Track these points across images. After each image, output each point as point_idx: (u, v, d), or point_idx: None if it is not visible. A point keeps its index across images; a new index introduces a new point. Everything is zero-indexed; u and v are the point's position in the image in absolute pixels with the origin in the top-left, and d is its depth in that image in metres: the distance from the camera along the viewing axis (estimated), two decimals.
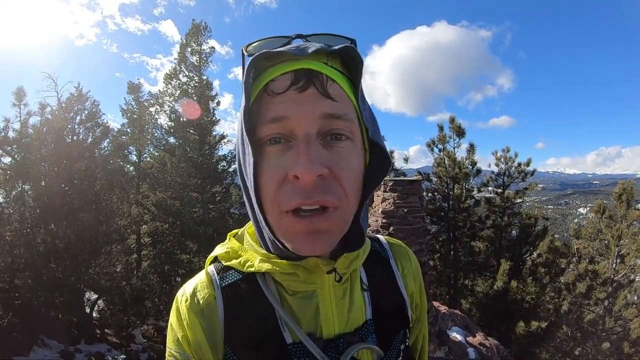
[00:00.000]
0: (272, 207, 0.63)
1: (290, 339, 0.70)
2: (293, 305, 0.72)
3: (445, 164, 14.10)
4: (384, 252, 0.89)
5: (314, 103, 0.61)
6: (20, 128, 11.66)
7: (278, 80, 0.62)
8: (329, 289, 0.73)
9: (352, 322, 0.74)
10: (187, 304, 0.74)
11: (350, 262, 0.73)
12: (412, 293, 0.89)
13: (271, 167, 0.61)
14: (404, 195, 6.21)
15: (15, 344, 10.25)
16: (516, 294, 11.50)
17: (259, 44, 0.67)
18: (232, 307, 0.72)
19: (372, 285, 0.81)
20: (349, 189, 0.63)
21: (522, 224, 13.64)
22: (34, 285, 10.66)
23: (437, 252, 14.22)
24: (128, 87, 18.47)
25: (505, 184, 14.03)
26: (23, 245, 10.75)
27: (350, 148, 0.64)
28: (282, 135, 0.61)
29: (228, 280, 0.75)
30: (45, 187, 11.60)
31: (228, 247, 0.78)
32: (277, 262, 0.69)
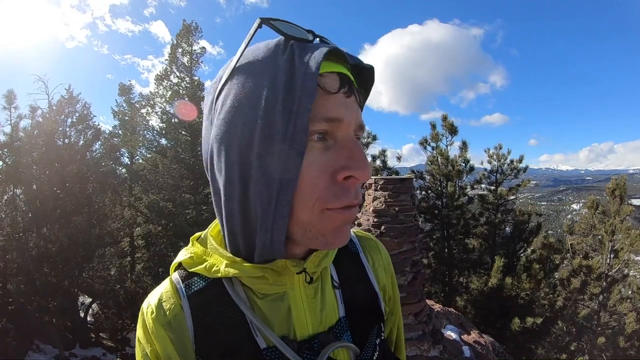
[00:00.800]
0: (313, 206, 0.60)
1: (264, 344, 0.67)
2: (264, 309, 0.69)
3: (438, 162, 14.12)
4: (353, 247, 0.87)
5: (356, 111, 0.63)
6: (11, 131, 11.63)
7: (327, 78, 0.61)
8: (300, 289, 0.71)
9: (325, 321, 0.73)
10: (153, 316, 0.70)
11: (319, 261, 0.72)
12: (384, 286, 0.89)
13: (318, 164, 0.60)
14: (395, 194, 6.19)
15: (10, 349, 10.21)
16: (511, 291, 11.53)
17: (289, 26, 0.63)
18: (201, 316, 0.69)
19: (344, 282, 0.80)
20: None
21: (515, 221, 13.69)
22: (27, 290, 10.62)
23: (432, 250, 14.23)
24: (119, 89, 18.43)
25: (498, 181, 14.07)
26: (15, 249, 10.71)
27: None
28: (326, 134, 0.60)
29: (194, 288, 0.71)
30: (37, 190, 11.54)
31: (192, 252, 0.73)
32: (245, 265, 0.66)
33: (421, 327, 5.76)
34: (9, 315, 10.56)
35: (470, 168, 14.02)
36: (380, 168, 14.85)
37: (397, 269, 5.81)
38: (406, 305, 5.69)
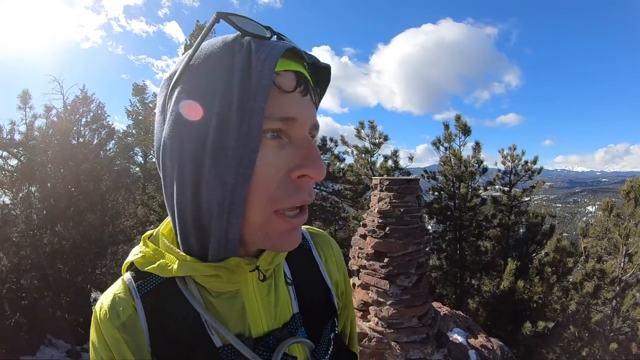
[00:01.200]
0: (265, 206, 0.61)
1: (219, 343, 0.67)
2: (218, 307, 0.69)
3: (451, 162, 13.94)
4: (305, 244, 0.89)
5: (311, 110, 0.64)
6: (26, 131, 11.81)
7: (283, 76, 0.61)
8: (253, 287, 0.72)
9: (280, 317, 0.74)
10: (107, 318, 0.68)
11: (272, 259, 0.73)
12: (337, 281, 0.91)
13: (271, 163, 0.60)
14: (401, 195, 6.15)
15: (23, 343, 10.41)
16: (523, 294, 11.37)
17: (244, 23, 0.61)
18: (155, 317, 0.68)
19: (297, 278, 0.81)
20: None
21: (529, 223, 13.48)
22: (40, 286, 10.83)
23: (443, 251, 14.14)
24: (133, 89, 18.65)
25: (512, 183, 13.85)
26: (29, 246, 10.91)
27: None
28: (281, 132, 0.61)
29: (147, 288, 0.70)
30: (51, 188, 11.73)
31: (143, 251, 0.72)
32: (198, 264, 0.65)
33: (425, 330, 5.70)
34: (22, 310, 10.75)
35: (484, 169, 13.83)
36: (392, 168, 14.74)
37: (402, 270, 5.77)
38: (410, 308, 5.65)
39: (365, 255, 6.03)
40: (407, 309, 5.64)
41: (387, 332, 5.61)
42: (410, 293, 5.75)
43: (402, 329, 5.63)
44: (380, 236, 5.93)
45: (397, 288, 5.70)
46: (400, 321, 5.63)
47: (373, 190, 6.47)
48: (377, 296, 5.80)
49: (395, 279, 5.73)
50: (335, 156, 16.24)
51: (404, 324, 5.63)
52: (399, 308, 5.61)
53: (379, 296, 5.78)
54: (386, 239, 5.89)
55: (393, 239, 5.88)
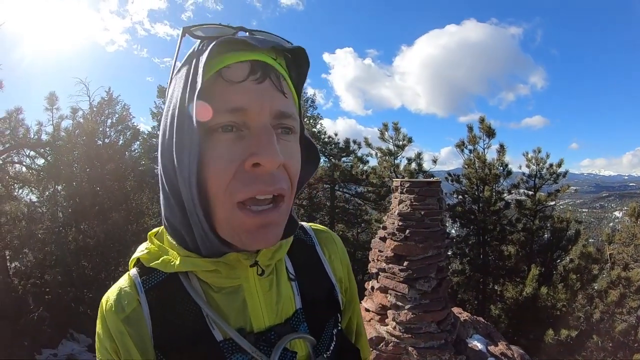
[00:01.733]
0: (224, 199, 0.62)
1: (220, 337, 0.69)
2: (219, 302, 0.71)
3: (475, 165, 13.76)
4: (309, 240, 0.90)
5: (270, 97, 0.62)
6: (53, 131, 12.18)
7: (233, 68, 0.61)
8: (255, 282, 0.73)
9: (281, 313, 0.75)
10: (112, 311, 0.71)
11: (272, 254, 0.74)
12: (341, 277, 0.91)
13: (223, 156, 0.60)
14: (422, 197, 6.08)
15: (45, 337, 10.71)
16: (546, 301, 11.11)
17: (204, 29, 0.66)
18: (159, 311, 0.70)
19: (299, 274, 0.82)
20: (294, 180, 0.67)
21: (553, 228, 13.19)
22: (63, 281, 11.10)
23: (466, 256, 13.96)
24: (158, 91, 18.93)
25: (537, 186, 13.56)
26: (54, 243, 11.20)
27: (294, 142, 0.67)
28: (235, 124, 0.60)
29: (151, 283, 0.72)
30: (77, 187, 12.03)
31: (148, 247, 0.76)
32: (198, 260, 0.68)
33: (444, 336, 5.62)
34: (45, 304, 11.07)
35: (508, 172, 13.63)
36: (416, 171, 14.68)
37: (422, 274, 5.70)
38: (429, 313, 5.58)
39: (385, 258, 5.98)
40: (425, 314, 5.57)
41: (405, 336, 5.55)
42: (429, 298, 5.68)
43: (420, 334, 5.56)
44: (400, 239, 5.88)
45: (416, 292, 5.64)
46: (419, 326, 5.56)
47: (394, 192, 6.42)
48: (395, 300, 5.75)
49: (414, 283, 5.67)
50: (358, 158, 16.22)
51: (422, 329, 5.56)
52: (418, 313, 5.54)
53: (397, 300, 5.73)
54: (406, 242, 5.84)
55: (413, 242, 5.82)
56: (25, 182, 11.90)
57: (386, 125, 14.99)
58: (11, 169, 12.18)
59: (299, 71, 0.71)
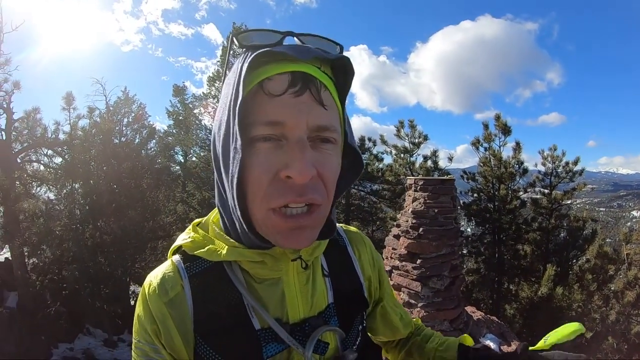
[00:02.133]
0: (261, 203, 0.64)
1: (258, 325, 0.72)
2: (260, 292, 0.74)
3: (491, 163, 13.62)
4: (341, 240, 0.93)
5: (308, 111, 0.63)
6: (70, 130, 12.38)
7: (275, 80, 0.63)
8: (294, 275, 0.77)
9: (315, 306, 0.78)
10: (156, 294, 0.73)
11: (313, 250, 0.78)
12: (370, 277, 0.95)
13: (262, 164, 0.62)
14: (435, 195, 6.05)
15: (62, 331, 10.89)
16: (561, 301, 10.94)
17: (251, 35, 0.68)
18: (201, 296, 0.73)
19: (332, 271, 0.85)
20: (329, 188, 0.67)
21: (569, 227, 12.99)
22: (81, 277, 11.28)
23: (481, 254, 13.83)
24: (173, 90, 19.08)
25: (553, 185, 13.36)
26: (72, 239, 11.38)
27: (333, 151, 0.68)
28: (274, 135, 0.63)
29: (195, 270, 0.75)
30: (94, 185, 12.22)
31: (192, 236, 0.78)
32: (246, 251, 0.71)
33: (456, 335, 5.59)
34: (62, 299, 11.30)
35: (524, 170, 13.45)
36: (432, 169, 14.56)
37: (435, 272, 5.68)
38: (442, 311, 5.56)
39: (399, 255, 5.97)
40: (438, 312, 5.55)
41: None
42: (442, 296, 5.66)
43: None
44: (413, 237, 5.86)
45: (429, 290, 5.62)
46: (431, 324, 5.53)
47: (408, 190, 6.40)
48: (408, 298, 5.74)
49: (427, 281, 5.65)
50: (374, 156, 16.14)
51: (435, 327, 5.53)
52: (430, 311, 5.53)
53: (410, 298, 5.71)
54: (420, 240, 5.82)
55: (427, 240, 5.80)
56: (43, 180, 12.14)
57: (402, 123, 14.92)
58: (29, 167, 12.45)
59: (344, 80, 0.71)
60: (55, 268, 11.64)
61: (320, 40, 0.71)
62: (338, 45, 0.72)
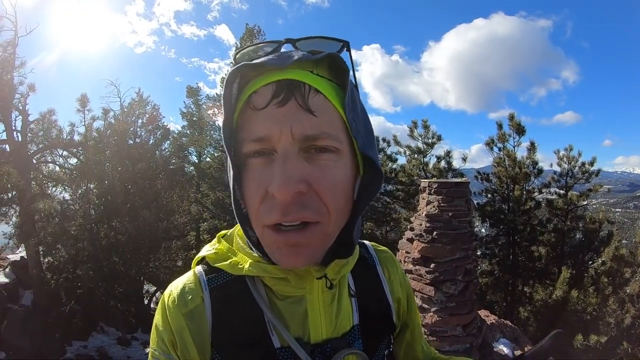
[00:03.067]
0: (256, 220, 0.63)
1: (278, 344, 0.69)
2: (282, 310, 0.72)
3: (505, 163, 13.45)
4: (370, 259, 0.90)
5: (293, 121, 0.59)
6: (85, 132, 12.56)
7: (260, 93, 0.61)
8: (318, 294, 0.73)
9: (339, 327, 0.75)
10: (175, 304, 0.72)
11: (340, 268, 0.74)
12: (399, 299, 0.91)
13: (254, 181, 0.61)
14: (449, 198, 5.99)
15: (76, 329, 11.07)
16: (576, 305, 10.78)
17: (247, 50, 0.67)
18: (221, 310, 0.72)
19: (360, 291, 0.82)
20: (331, 203, 0.62)
21: (585, 229, 12.78)
22: (95, 276, 11.44)
23: (495, 256, 13.70)
24: (187, 91, 19.19)
25: (569, 185, 13.14)
26: (87, 239, 11.53)
27: (335, 161, 0.63)
28: (265, 150, 0.61)
29: (217, 282, 0.74)
30: (109, 186, 12.37)
31: (216, 248, 0.77)
32: (269, 266, 0.69)
33: (469, 340, 5.55)
34: (77, 298, 11.46)
35: (539, 171, 13.26)
36: (445, 169, 14.44)
37: (449, 277, 5.64)
38: (455, 316, 5.51)
39: (412, 259, 5.93)
40: (451, 317, 5.51)
41: (430, 339, 5.50)
42: (455, 301, 5.61)
43: (445, 337, 5.50)
44: (427, 241, 5.82)
45: (442, 295, 5.58)
46: (444, 329, 5.50)
47: (421, 193, 6.35)
48: (421, 302, 5.70)
49: (441, 286, 5.61)
50: (387, 156, 16.07)
51: (448, 333, 5.50)
52: (444, 316, 5.49)
53: (423, 302, 5.68)
54: (433, 244, 5.77)
55: (440, 244, 5.75)
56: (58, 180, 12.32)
57: (415, 123, 14.83)
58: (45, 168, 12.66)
59: (340, 80, 0.66)
60: (70, 267, 11.80)
61: (321, 40, 0.68)
62: (341, 42, 0.68)
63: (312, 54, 0.63)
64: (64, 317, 10.97)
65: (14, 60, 11.59)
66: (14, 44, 11.71)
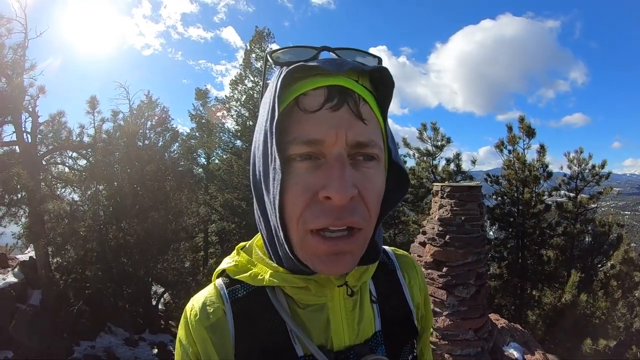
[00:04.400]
0: (297, 225, 0.62)
1: (301, 352, 0.69)
2: (304, 318, 0.72)
3: (515, 166, 13.41)
4: (390, 264, 0.90)
5: (347, 126, 0.60)
6: (94, 133, 12.63)
7: (310, 96, 0.61)
8: (340, 301, 0.73)
9: (362, 333, 0.75)
10: (197, 318, 0.73)
11: (360, 275, 0.74)
12: (418, 304, 0.90)
13: (299, 185, 0.60)
14: (462, 202, 5.96)
15: (84, 329, 11.13)
16: (585, 309, 10.73)
17: (285, 53, 0.66)
18: (243, 322, 0.72)
19: (381, 297, 0.82)
20: (372, 209, 0.63)
21: (595, 232, 12.75)
22: (103, 277, 11.51)
23: (504, 259, 13.65)
24: (196, 94, 19.29)
25: (579, 188, 13.12)
26: (95, 240, 11.59)
27: (376, 169, 0.64)
28: (312, 154, 0.60)
29: (238, 294, 0.74)
30: (118, 187, 12.44)
31: (236, 260, 0.77)
32: (289, 276, 0.69)
33: (480, 344, 5.52)
34: (85, 298, 11.53)
35: (549, 174, 13.26)
36: (455, 172, 14.42)
37: (461, 281, 5.61)
38: (467, 320, 5.48)
39: (424, 263, 5.91)
40: (463, 321, 5.48)
41: (441, 343, 5.48)
42: (467, 305, 5.58)
43: (457, 341, 5.47)
44: (439, 244, 5.79)
45: (454, 299, 5.56)
46: (456, 333, 5.47)
47: (434, 196, 6.33)
48: (433, 306, 5.68)
49: (453, 290, 5.58)
50: None
51: (459, 336, 5.47)
52: (455, 320, 5.46)
53: (435, 306, 5.65)
54: (446, 248, 5.75)
55: (453, 247, 5.72)
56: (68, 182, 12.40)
57: (424, 125, 14.81)
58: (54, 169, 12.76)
59: (385, 92, 0.68)
60: (78, 268, 11.87)
61: (357, 53, 0.68)
62: (376, 57, 0.69)
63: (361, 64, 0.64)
64: (72, 317, 11.05)
65: (24, 62, 11.69)
66: (24, 46, 11.82)
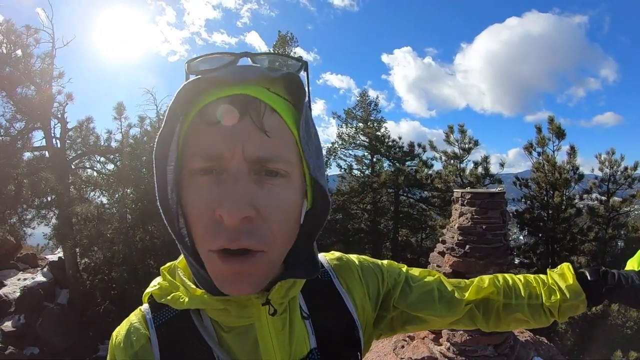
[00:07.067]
0: (201, 243, 0.59)
1: None
2: (230, 342, 0.68)
3: (544, 169, 13.03)
4: (325, 275, 0.83)
5: (245, 139, 0.56)
6: (122, 139, 13.04)
7: (212, 107, 0.57)
8: (267, 321, 0.69)
9: (295, 353, 0.71)
10: (121, 347, 0.69)
11: (286, 292, 0.69)
12: (363, 305, 0.84)
13: (201, 201, 0.57)
14: (483, 210, 5.77)
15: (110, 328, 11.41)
16: (616, 319, 10.35)
17: (202, 60, 0.62)
18: (168, 348, 0.68)
19: (314, 312, 0.77)
20: (278, 230, 0.59)
21: (627, 237, 12.28)
22: (129, 278, 11.85)
23: (533, 266, 13.26)
24: None
25: (611, 191, 12.65)
26: (122, 242, 11.92)
27: (284, 186, 0.59)
28: (214, 168, 0.56)
29: (162, 319, 0.70)
30: (145, 190, 12.72)
31: (159, 283, 0.72)
32: (205, 298, 0.65)
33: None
34: (111, 298, 11.90)
35: (580, 176, 12.83)
36: (483, 175, 14.12)
37: None
38: (486, 335, 5.32)
39: (443, 274, 5.78)
40: (482, 337, 5.31)
41: (459, 358, 5.34)
42: None
43: (475, 357, 5.31)
44: (459, 255, 5.65)
45: None
46: (474, 349, 5.32)
47: (454, 203, 6.17)
48: None
49: None
50: (423, 162, 15.86)
51: (478, 352, 5.31)
52: (474, 335, 5.29)
53: None
54: (466, 259, 5.60)
55: (473, 258, 5.56)
56: (96, 185, 12.81)
57: (451, 128, 14.57)
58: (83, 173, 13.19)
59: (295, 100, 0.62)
60: (105, 269, 12.23)
61: (280, 58, 0.66)
62: (300, 62, 0.65)
63: (270, 71, 0.60)
64: (98, 317, 11.45)
65: (52, 71, 12.13)
66: (51, 55, 12.33)
